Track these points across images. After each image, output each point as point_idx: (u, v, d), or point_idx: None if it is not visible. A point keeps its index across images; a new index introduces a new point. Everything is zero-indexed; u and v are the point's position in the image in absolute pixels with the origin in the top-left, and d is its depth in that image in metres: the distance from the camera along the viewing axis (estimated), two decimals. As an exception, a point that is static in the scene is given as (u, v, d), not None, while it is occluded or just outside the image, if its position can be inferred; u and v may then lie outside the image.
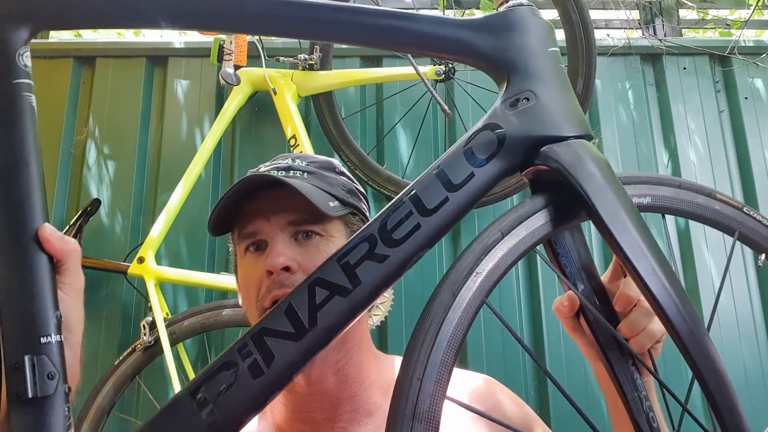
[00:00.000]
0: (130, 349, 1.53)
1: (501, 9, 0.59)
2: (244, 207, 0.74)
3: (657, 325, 0.60)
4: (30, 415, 0.50)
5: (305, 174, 0.75)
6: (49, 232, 0.53)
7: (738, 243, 0.57)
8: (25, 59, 0.56)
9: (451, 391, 0.47)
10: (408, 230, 0.52)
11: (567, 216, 0.53)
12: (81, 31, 2.66)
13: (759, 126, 1.94)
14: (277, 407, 0.77)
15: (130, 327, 1.76)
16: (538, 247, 0.54)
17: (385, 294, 1.54)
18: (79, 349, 0.56)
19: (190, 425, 0.49)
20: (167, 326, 1.51)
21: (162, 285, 1.59)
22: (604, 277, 0.64)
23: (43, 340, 0.52)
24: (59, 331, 0.53)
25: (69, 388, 0.53)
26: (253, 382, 0.49)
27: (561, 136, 0.53)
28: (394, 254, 0.51)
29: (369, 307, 0.53)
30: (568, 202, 0.53)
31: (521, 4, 0.58)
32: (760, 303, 1.79)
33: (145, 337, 1.51)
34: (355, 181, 0.83)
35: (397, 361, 0.84)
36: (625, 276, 0.62)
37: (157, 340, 1.49)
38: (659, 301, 0.46)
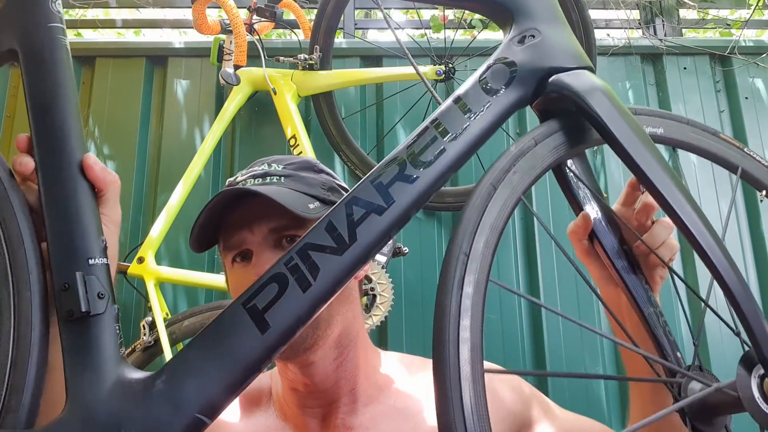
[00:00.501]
0: (130, 349, 1.53)
1: None
2: (226, 219, 0.75)
3: (675, 240, 0.67)
4: (82, 332, 0.51)
5: (282, 178, 0.76)
6: (92, 160, 0.56)
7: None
8: (57, 5, 0.61)
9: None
10: (435, 153, 0.55)
11: (581, 138, 0.58)
12: (81, 31, 2.66)
13: (759, 126, 1.94)
14: (285, 400, 0.80)
15: (130, 327, 1.76)
16: (569, 167, 0.62)
17: (384, 294, 1.55)
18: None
19: (243, 333, 0.50)
20: (167, 326, 1.51)
21: (162, 285, 1.59)
22: (617, 204, 0.70)
23: (90, 261, 0.53)
24: (105, 255, 0.55)
25: (118, 309, 0.53)
26: (301, 293, 0.51)
27: (568, 67, 0.58)
28: (423, 175, 0.54)
29: (403, 227, 0.55)
30: (579, 125, 0.58)
31: None
32: (760, 303, 1.79)
33: (145, 337, 1.51)
34: (336, 177, 0.83)
35: (395, 356, 0.87)
36: (634, 203, 0.67)
37: (157, 340, 1.49)
38: (677, 212, 0.50)
